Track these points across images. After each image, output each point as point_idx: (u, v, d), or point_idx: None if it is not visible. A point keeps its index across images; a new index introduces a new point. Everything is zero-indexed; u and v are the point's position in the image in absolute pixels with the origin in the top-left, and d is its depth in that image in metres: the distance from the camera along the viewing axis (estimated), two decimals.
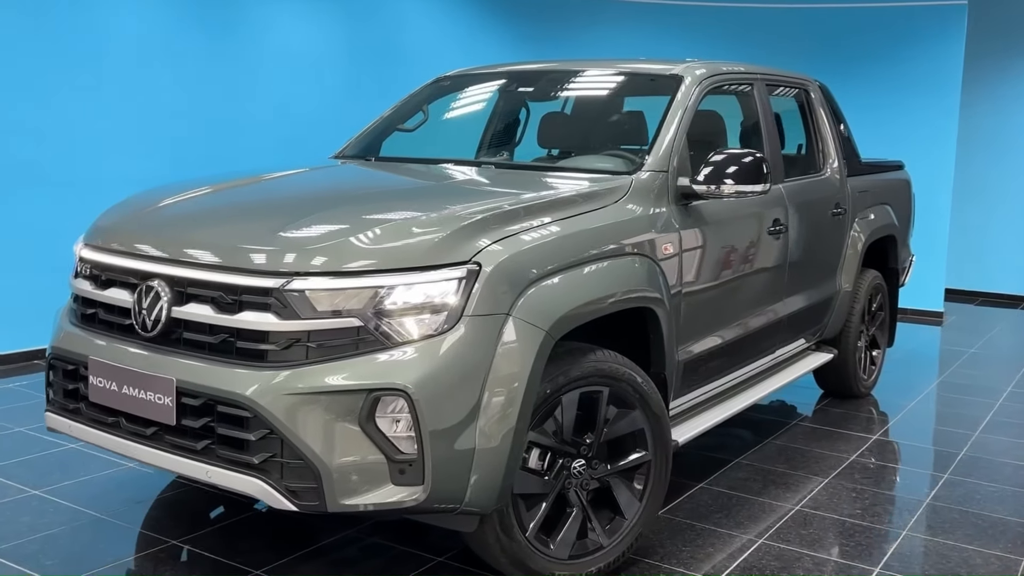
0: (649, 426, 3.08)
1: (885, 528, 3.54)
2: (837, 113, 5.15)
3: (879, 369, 5.60)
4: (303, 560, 3.14)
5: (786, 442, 4.58)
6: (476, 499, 2.58)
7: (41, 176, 5.59)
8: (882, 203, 5.44)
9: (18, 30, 5.48)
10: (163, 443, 2.65)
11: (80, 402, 2.89)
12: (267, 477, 2.48)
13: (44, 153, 5.61)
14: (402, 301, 2.54)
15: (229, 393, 2.49)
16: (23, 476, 3.82)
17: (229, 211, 3.14)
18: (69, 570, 3.01)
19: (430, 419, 2.48)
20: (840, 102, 7.11)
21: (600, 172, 3.50)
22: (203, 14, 6.40)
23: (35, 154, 5.58)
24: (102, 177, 5.77)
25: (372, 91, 7.26)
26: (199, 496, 3.69)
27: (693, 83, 3.80)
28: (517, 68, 4.56)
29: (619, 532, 3.05)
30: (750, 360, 4.14)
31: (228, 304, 2.58)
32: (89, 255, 3.00)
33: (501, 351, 2.59)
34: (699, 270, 3.52)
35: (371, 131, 4.42)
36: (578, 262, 2.89)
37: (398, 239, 2.65)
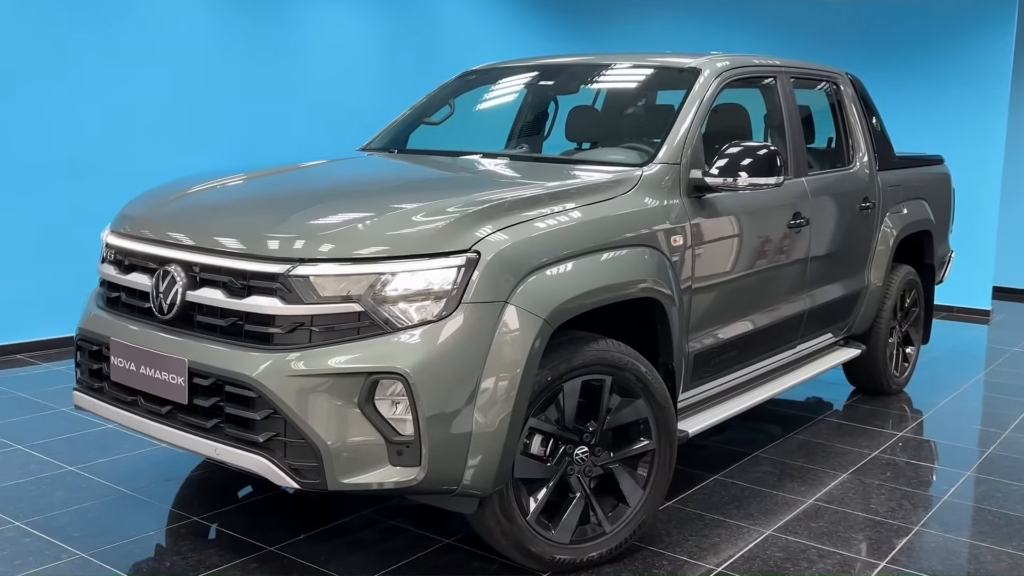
0: (653, 415, 3.11)
1: (897, 524, 3.52)
2: (869, 106, 5.09)
3: (912, 366, 5.52)
4: (319, 539, 3.25)
5: (809, 437, 4.56)
6: (474, 481, 2.65)
7: (82, 167, 5.82)
8: (917, 198, 5.36)
9: (59, 25, 5.70)
10: (176, 421, 2.78)
11: (104, 381, 3.03)
12: (271, 455, 2.59)
13: (84, 145, 5.84)
14: (403, 288, 2.62)
15: (236, 374, 2.60)
16: (62, 453, 4.01)
17: (243, 200, 3.26)
18: (94, 542, 3.16)
19: (427, 402, 2.55)
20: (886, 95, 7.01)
21: (614, 164, 3.54)
22: (243, 10, 6.58)
23: (76, 146, 5.80)
24: (142, 169, 5.97)
25: (410, 86, 7.35)
26: (227, 476, 3.83)
27: (711, 76, 3.81)
28: (542, 62, 4.61)
29: (622, 519, 3.09)
30: (768, 354, 4.13)
31: (238, 289, 2.70)
32: (114, 241, 3.15)
33: (499, 338, 2.66)
34: (712, 263, 3.54)
35: (398, 124, 4.52)
36: (580, 252, 2.93)
37: (400, 227, 2.73)
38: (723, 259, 3.63)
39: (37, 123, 5.63)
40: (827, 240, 4.37)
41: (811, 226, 4.17)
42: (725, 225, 3.63)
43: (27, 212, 5.63)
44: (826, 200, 4.38)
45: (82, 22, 5.77)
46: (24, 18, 5.52)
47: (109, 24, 5.89)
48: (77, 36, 5.75)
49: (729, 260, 3.66)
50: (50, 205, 5.72)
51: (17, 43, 5.51)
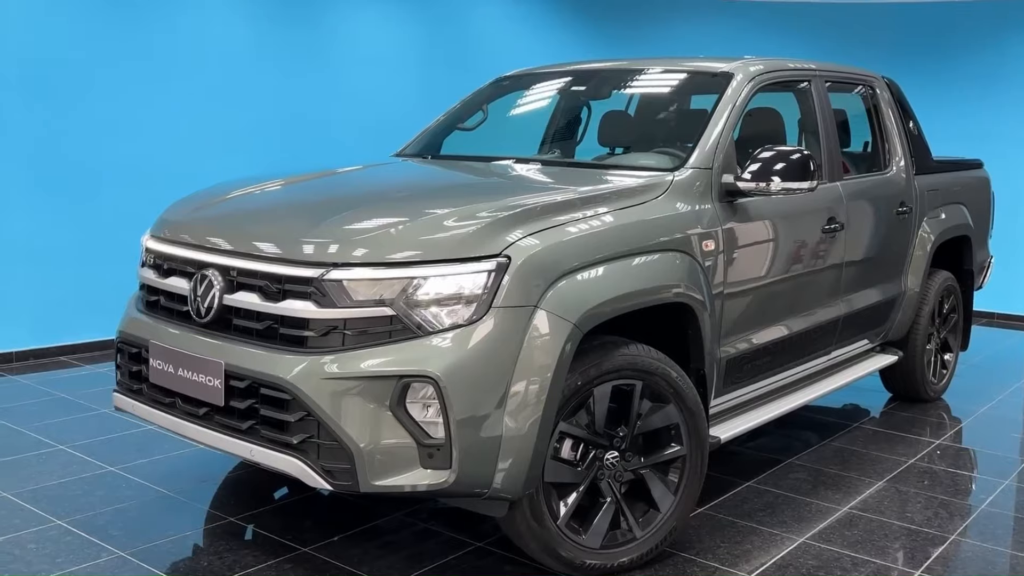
0: (684, 421, 3.11)
1: (933, 532, 3.47)
2: (906, 110, 5.04)
3: (951, 373, 5.44)
4: (353, 541, 3.29)
5: (845, 444, 4.52)
6: (504, 485, 2.67)
7: (123, 172, 5.93)
8: (955, 202, 5.29)
9: (112, 35, 5.84)
10: (213, 423, 2.83)
11: (143, 383, 3.10)
12: (305, 457, 2.62)
13: (126, 151, 5.96)
14: (434, 292, 2.65)
15: (271, 376, 2.65)
16: (103, 454, 4.10)
17: (279, 206, 3.32)
18: (132, 541, 3.23)
19: (458, 406, 2.58)
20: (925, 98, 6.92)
21: (646, 169, 3.54)
22: (286, 19, 6.68)
23: (118, 152, 5.92)
24: (182, 174, 6.08)
25: (444, 92, 7.40)
26: (263, 477, 3.88)
27: (743, 80, 3.80)
28: (575, 67, 4.63)
29: (653, 525, 3.09)
30: (802, 360, 4.10)
31: (273, 292, 2.74)
32: (153, 246, 3.22)
33: (529, 342, 2.67)
34: (744, 268, 3.52)
35: (432, 130, 4.56)
36: (611, 257, 2.94)
37: (432, 232, 2.76)
38: (756, 264, 3.61)
39: (80, 129, 5.76)
40: (863, 245, 4.33)
41: (846, 231, 4.14)
42: (758, 230, 3.61)
43: (69, 216, 5.76)
44: (862, 205, 4.34)
45: (126, 33, 5.90)
46: (71, 28, 5.66)
47: (152, 35, 6.01)
48: (121, 46, 5.88)
49: (762, 265, 3.64)
50: (91, 209, 5.85)
51: (63, 53, 5.64)
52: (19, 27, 5.48)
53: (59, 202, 5.71)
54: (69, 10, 5.66)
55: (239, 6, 6.46)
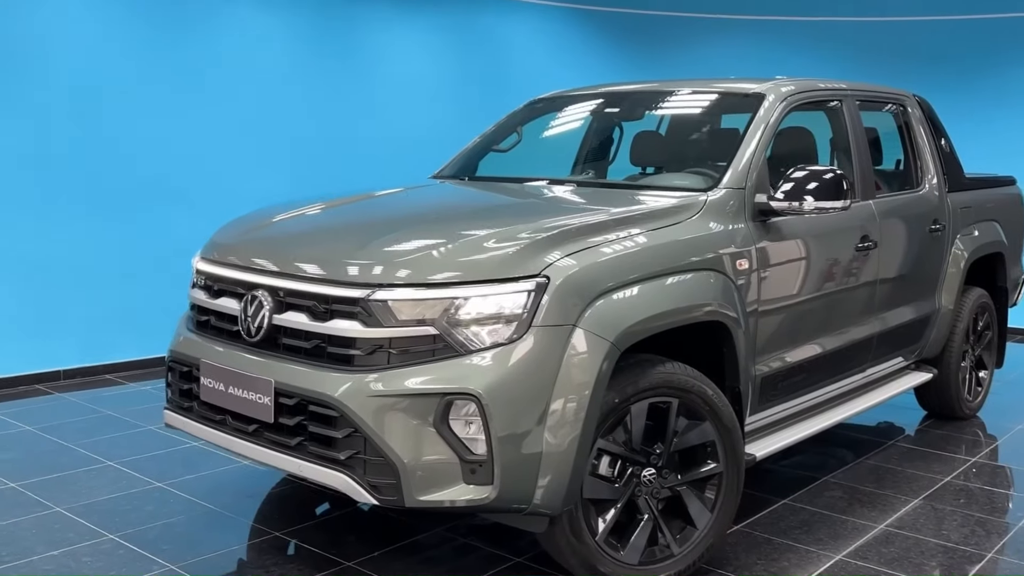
0: (720, 438, 3.15)
1: (970, 550, 3.48)
2: (938, 128, 5.06)
3: (986, 390, 5.42)
4: (394, 555, 3.36)
5: (880, 462, 4.52)
6: (544, 500, 2.73)
7: (166, 194, 6.11)
8: (989, 219, 5.29)
9: (156, 63, 6.02)
10: (262, 439, 2.93)
11: (193, 401, 3.20)
12: (352, 472, 2.71)
13: (169, 173, 6.13)
14: (476, 311, 2.72)
15: (319, 394, 2.74)
16: (150, 469, 4.21)
17: (326, 228, 3.42)
18: (181, 555, 3.32)
19: (499, 423, 2.65)
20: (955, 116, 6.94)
21: (679, 189, 3.60)
22: (322, 46, 6.85)
23: (161, 174, 6.10)
24: (228, 194, 6.24)
25: (479, 114, 7.53)
26: (306, 493, 3.98)
27: (776, 101, 3.86)
28: (607, 89, 4.71)
29: (690, 541, 3.13)
30: (837, 378, 4.13)
31: (321, 313, 2.84)
32: (204, 267, 3.33)
33: (568, 360, 2.74)
34: (778, 286, 3.57)
35: (468, 152, 4.66)
36: (647, 276, 3.01)
37: (473, 253, 2.85)
38: (789, 282, 3.65)
39: (125, 153, 5.93)
40: (896, 263, 4.36)
41: (880, 249, 4.17)
42: (791, 248, 3.66)
43: (114, 236, 5.93)
44: (895, 223, 4.36)
45: (170, 60, 6.09)
46: (119, 57, 5.85)
47: (195, 62, 6.20)
48: (164, 73, 6.06)
49: (796, 283, 3.69)
50: (135, 231, 6.01)
51: (111, 80, 5.83)
52: (71, 57, 5.67)
53: (105, 225, 5.88)
54: (118, 40, 5.85)
55: (278, 32, 6.64)
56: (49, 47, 5.59)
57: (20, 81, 5.51)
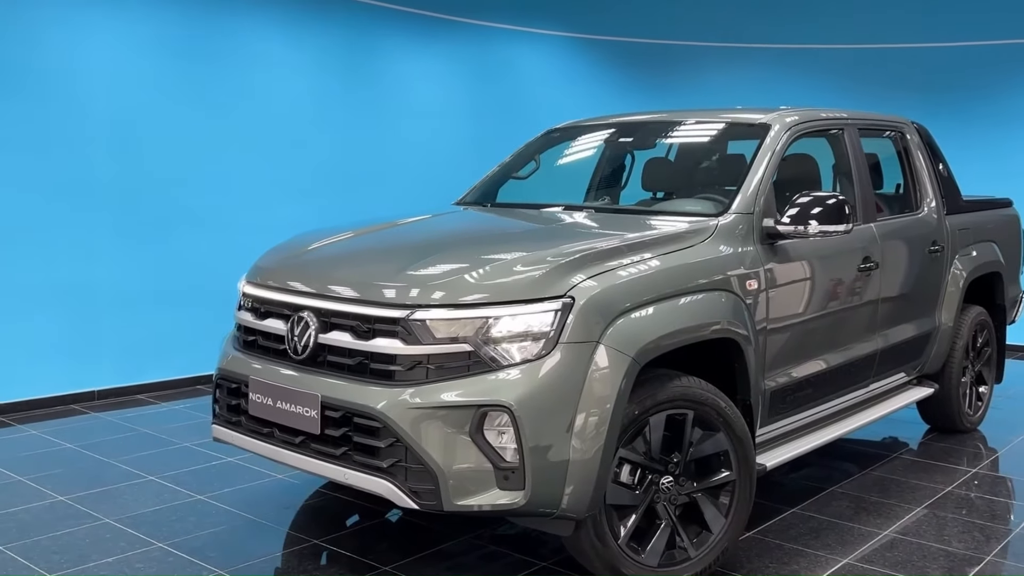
0: (733, 448, 3.37)
1: (969, 554, 3.68)
2: (936, 152, 5.30)
3: (986, 405, 5.63)
4: (426, 561, 3.57)
5: (885, 473, 4.73)
6: (571, 505, 2.95)
7: (196, 220, 6.37)
8: (986, 240, 5.51)
9: (185, 93, 6.30)
10: (309, 450, 3.15)
11: (241, 415, 3.43)
12: (394, 479, 2.93)
13: (203, 200, 6.40)
14: (506, 330, 2.96)
15: (364, 407, 2.97)
16: (190, 483, 4.44)
17: (365, 253, 3.66)
18: (228, 561, 3.54)
19: (530, 432, 2.87)
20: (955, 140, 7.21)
21: (690, 214, 3.84)
22: (347, 77, 7.14)
23: (196, 201, 6.37)
24: (255, 222, 6.51)
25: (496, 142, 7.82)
26: (338, 503, 4.20)
27: (781, 131, 4.10)
28: (620, 119, 4.97)
29: (706, 545, 3.34)
30: (842, 392, 4.34)
31: (364, 332, 3.08)
32: (251, 291, 3.58)
33: (592, 374, 2.97)
34: (785, 305, 3.80)
35: (488, 180, 4.91)
36: (663, 296, 3.24)
37: (504, 276, 3.09)
38: (796, 301, 3.88)
39: (159, 181, 6.20)
40: (897, 283, 4.58)
41: (881, 269, 4.39)
42: (797, 270, 3.89)
43: (147, 263, 6.18)
44: (895, 244, 4.59)
45: (204, 91, 6.38)
46: (153, 92, 6.13)
47: (225, 95, 6.48)
48: (198, 104, 6.35)
49: (802, 302, 3.91)
50: (168, 256, 6.27)
51: (145, 114, 6.11)
52: (109, 92, 5.95)
53: (138, 252, 6.14)
54: (153, 75, 6.14)
55: (304, 67, 6.93)
56: (88, 83, 5.87)
57: (61, 115, 5.78)
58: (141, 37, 6.11)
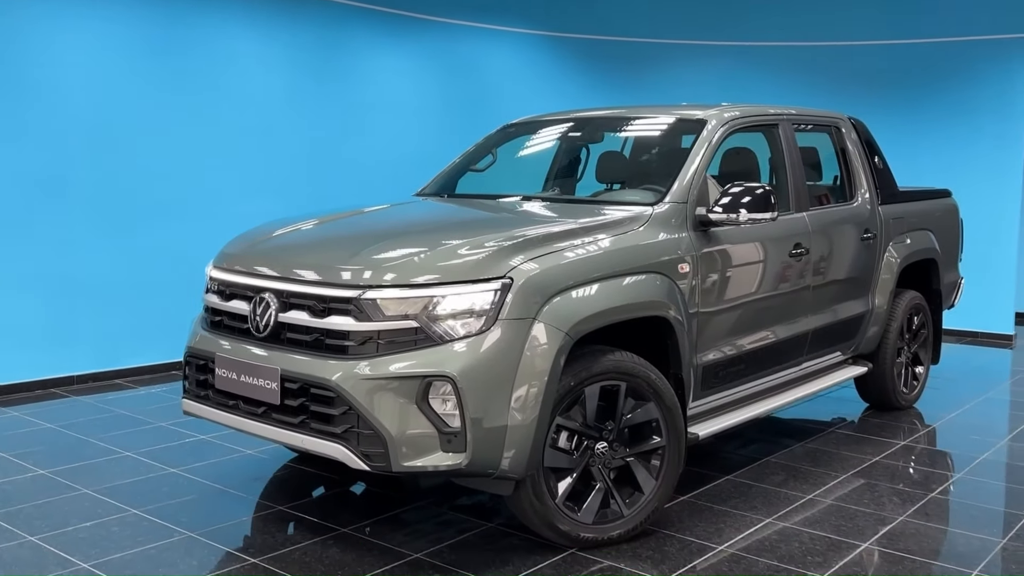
0: (663, 417, 3.68)
1: (885, 514, 4.01)
2: (872, 146, 5.61)
3: (922, 384, 5.96)
4: (383, 523, 3.85)
5: (819, 445, 5.05)
6: (510, 467, 3.25)
7: (168, 212, 6.61)
8: (922, 229, 5.84)
9: (157, 89, 6.54)
10: (270, 419, 3.44)
11: (209, 390, 3.71)
12: (347, 444, 3.21)
13: (176, 192, 6.64)
14: (451, 307, 3.25)
15: (319, 379, 3.25)
16: (164, 458, 4.70)
17: (322, 240, 3.95)
18: (198, 525, 3.81)
19: (471, 400, 3.16)
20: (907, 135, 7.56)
21: (631, 203, 4.14)
22: (313, 73, 7.39)
23: (169, 193, 6.61)
24: (227, 212, 6.76)
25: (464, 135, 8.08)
26: (304, 475, 4.48)
27: (717, 125, 4.40)
28: (573, 115, 5.26)
29: (637, 505, 3.65)
30: (775, 369, 4.65)
31: (319, 310, 3.36)
32: (217, 275, 3.85)
33: (529, 348, 3.27)
34: (716, 287, 4.10)
35: (448, 171, 5.19)
36: (597, 278, 3.54)
37: (449, 259, 3.38)
38: (727, 284, 4.18)
39: (132, 175, 6.44)
40: (828, 268, 4.90)
41: (811, 255, 4.71)
42: (729, 255, 4.19)
43: (124, 253, 6.42)
44: (827, 232, 4.91)
45: (176, 87, 6.61)
46: (126, 89, 6.37)
47: (197, 91, 6.72)
48: (170, 100, 6.58)
49: (733, 285, 4.22)
50: (143, 246, 6.51)
51: (119, 110, 6.34)
52: (84, 92, 6.18)
53: (115, 242, 6.37)
54: (128, 70, 6.37)
55: (277, 63, 7.17)
56: (65, 78, 6.10)
57: (38, 108, 6.01)
58: (117, 32, 6.34)
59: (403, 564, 3.45)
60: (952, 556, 3.60)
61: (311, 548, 3.59)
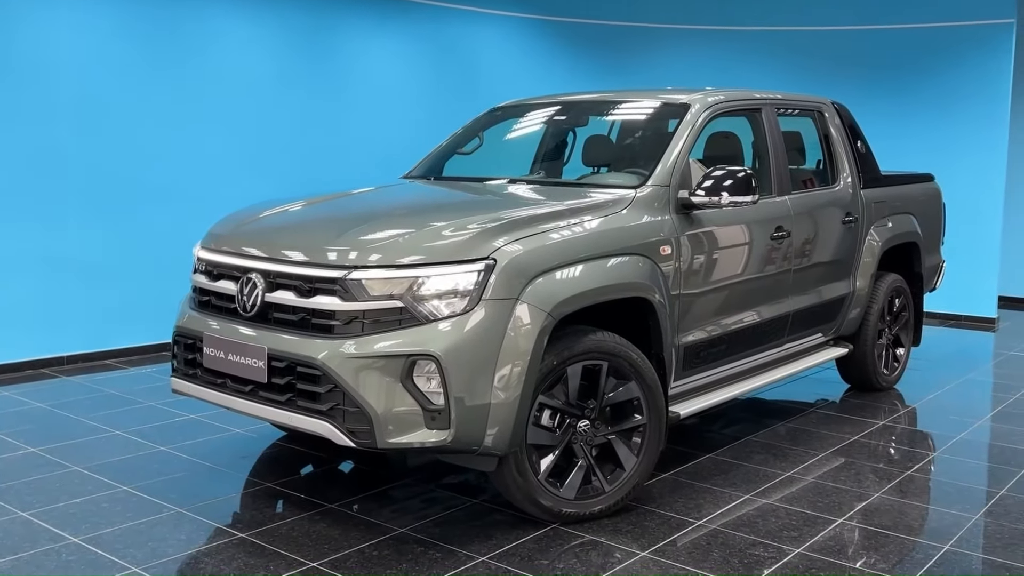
0: (644, 395, 3.75)
1: (860, 491, 4.10)
2: (855, 131, 5.68)
3: (903, 366, 6.05)
4: (369, 499, 3.92)
5: (799, 425, 5.14)
6: (493, 443, 3.31)
7: (158, 195, 6.64)
8: (904, 212, 5.92)
9: (146, 70, 6.56)
10: (257, 397, 3.49)
11: (197, 368, 3.76)
12: (333, 421, 3.28)
13: (166, 174, 6.68)
14: (435, 288, 3.31)
15: (306, 357, 3.31)
16: (154, 437, 4.76)
17: (309, 221, 4.00)
18: (187, 501, 3.88)
19: (454, 378, 3.23)
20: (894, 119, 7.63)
21: (615, 186, 4.20)
22: (301, 56, 7.40)
23: (158, 175, 6.64)
24: (216, 194, 6.79)
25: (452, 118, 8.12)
26: (293, 454, 4.54)
27: (700, 110, 4.46)
28: (560, 99, 5.31)
29: (619, 481, 3.73)
30: (756, 350, 4.73)
31: (305, 291, 3.41)
32: (204, 255, 3.90)
33: (512, 327, 3.33)
34: (698, 269, 4.17)
35: (435, 154, 5.23)
36: (580, 259, 3.60)
37: (432, 240, 3.43)
38: (709, 266, 4.25)
39: (122, 156, 6.46)
40: (810, 251, 4.97)
41: (793, 238, 4.78)
42: (711, 237, 4.25)
43: (114, 234, 6.46)
44: (809, 215, 4.97)
45: (166, 69, 6.62)
46: (116, 69, 6.38)
47: (186, 73, 6.73)
48: (160, 81, 6.60)
49: (715, 267, 4.28)
50: (133, 228, 6.55)
51: (109, 90, 6.36)
52: (74, 72, 6.20)
53: (105, 223, 6.41)
54: (117, 52, 6.39)
55: (265, 42, 7.18)
56: (55, 59, 6.11)
57: (29, 91, 6.02)
58: (107, 13, 6.34)
59: (388, 539, 3.52)
60: (926, 531, 3.69)
61: (298, 523, 3.66)
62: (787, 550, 3.45)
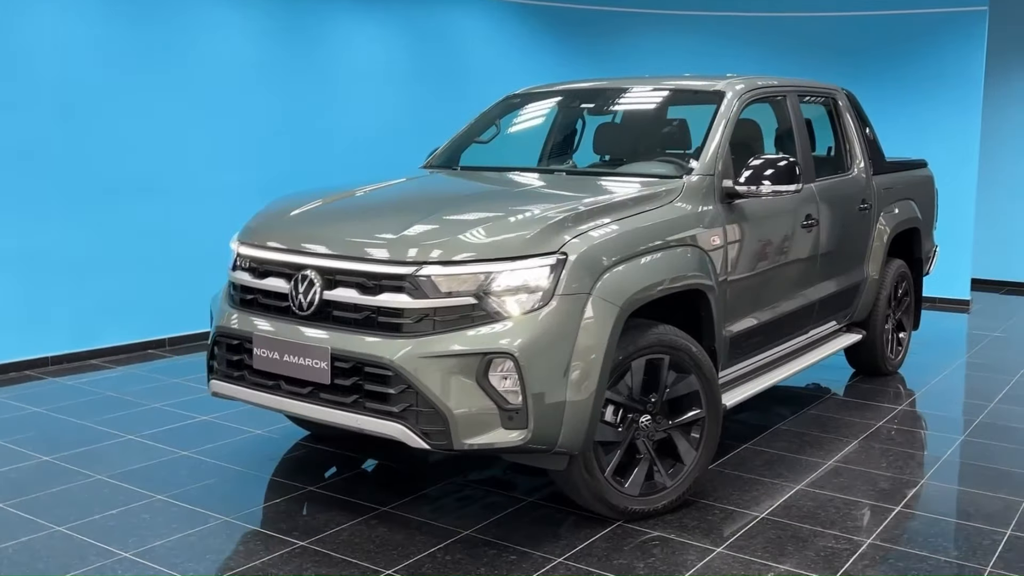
0: (702, 388, 3.71)
1: (907, 477, 4.13)
2: (863, 117, 5.72)
3: (905, 350, 6.16)
4: (414, 503, 3.80)
5: (820, 412, 5.17)
6: (566, 442, 3.23)
7: (144, 188, 6.34)
8: (906, 198, 6.00)
9: (129, 60, 6.24)
10: (318, 400, 3.33)
11: (244, 370, 3.57)
12: (406, 422, 3.15)
13: (151, 167, 6.37)
14: (505, 284, 3.20)
15: (375, 357, 3.17)
16: (170, 441, 4.54)
17: (360, 214, 3.83)
18: (230, 508, 3.70)
19: (531, 376, 3.13)
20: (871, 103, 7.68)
21: (657, 176, 4.13)
22: (287, 44, 7.15)
23: (143, 168, 6.34)
24: (201, 188, 6.54)
25: (436, 105, 7.99)
26: (319, 454, 4.38)
27: (734, 97, 4.42)
28: (576, 86, 5.22)
29: (679, 476, 3.68)
30: (787, 338, 4.74)
31: (370, 288, 3.26)
32: (247, 251, 3.70)
33: (584, 323, 3.24)
34: (742, 259, 4.14)
35: (452, 144, 5.08)
36: (642, 252, 3.53)
37: (501, 234, 3.32)
38: (751, 255, 4.23)
39: (103, 148, 6.14)
40: (833, 238, 4.99)
41: (820, 226, 4.79)
42: (752, 226, 4.22)
43: (97, 230, 6.14)
44: (831, 203, 4.99)
45: (147, 58, 6.31)
46: (96, 57, 6.05)
47: (168, 60, 6.43)
48: (139, 71, 6.28)
49: (757, 256, 4.26)
50: (118, 223, 6.23)
51: (89, 79, 6.03)
52: (52, 59, 5.85)
53: (88, 219, 6.09)
54: (98, 40, 6.05)
55: (248, 30, 6.91)
56: (34, 48, 5.76)
57: (7, 81, 5.67)
58: (88, 3, 6.02)
59: (455, 542, 3.41)
60: (983, 516, 3.73)
61: (357, 528, 3.52)
62: (858, 541, 3.45)
